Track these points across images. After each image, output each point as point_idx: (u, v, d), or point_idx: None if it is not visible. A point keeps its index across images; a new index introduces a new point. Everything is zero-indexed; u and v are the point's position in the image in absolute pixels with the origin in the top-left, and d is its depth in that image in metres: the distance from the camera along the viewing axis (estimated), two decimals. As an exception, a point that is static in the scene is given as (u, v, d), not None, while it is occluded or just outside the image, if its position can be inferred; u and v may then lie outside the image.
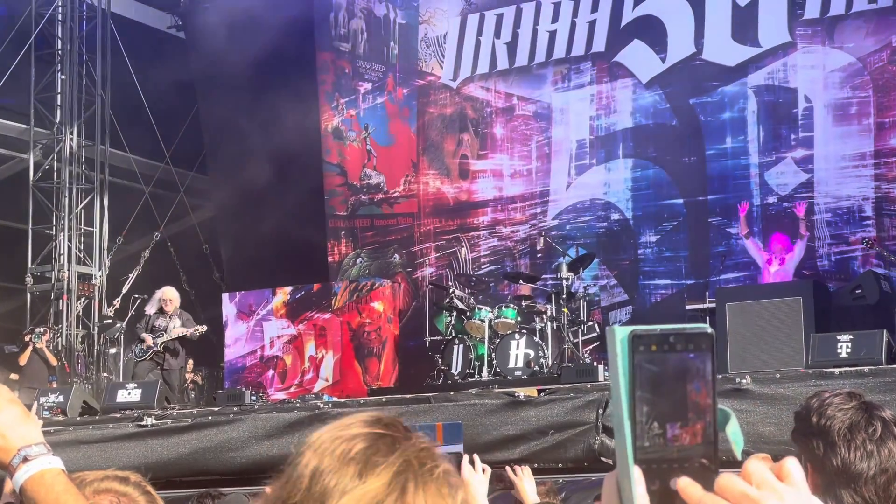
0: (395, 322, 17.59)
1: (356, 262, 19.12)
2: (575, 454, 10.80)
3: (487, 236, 18.04)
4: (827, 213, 15.65)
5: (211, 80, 19.23)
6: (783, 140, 16.08)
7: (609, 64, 17.37)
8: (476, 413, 11.00)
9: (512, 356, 13.94)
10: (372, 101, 19.34)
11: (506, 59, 18.18)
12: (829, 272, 15.31)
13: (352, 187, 19.29)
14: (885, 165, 15.44)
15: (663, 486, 1.21)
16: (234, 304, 18.24)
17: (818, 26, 16.00)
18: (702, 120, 16.62)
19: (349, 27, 19.56)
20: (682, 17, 16.78)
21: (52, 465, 2.08)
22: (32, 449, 2.08)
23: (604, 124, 17.39)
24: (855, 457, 2.93)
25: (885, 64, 15.59)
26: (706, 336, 1.23)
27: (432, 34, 19.00)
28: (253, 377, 17.65)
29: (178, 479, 10.88)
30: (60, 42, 19.93)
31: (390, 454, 1.62)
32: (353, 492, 1.58)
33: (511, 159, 18.05)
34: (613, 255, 17.05)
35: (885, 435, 2.96)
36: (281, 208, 18.28)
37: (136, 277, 19.35)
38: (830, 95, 15.85)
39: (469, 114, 18.48)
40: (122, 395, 13.21)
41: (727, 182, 16.32)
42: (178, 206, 20.01)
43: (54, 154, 19.59)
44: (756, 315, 12.70)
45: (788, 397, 9.95)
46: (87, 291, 19.40)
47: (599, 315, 16.82)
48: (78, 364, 18.66)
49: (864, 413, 2.98)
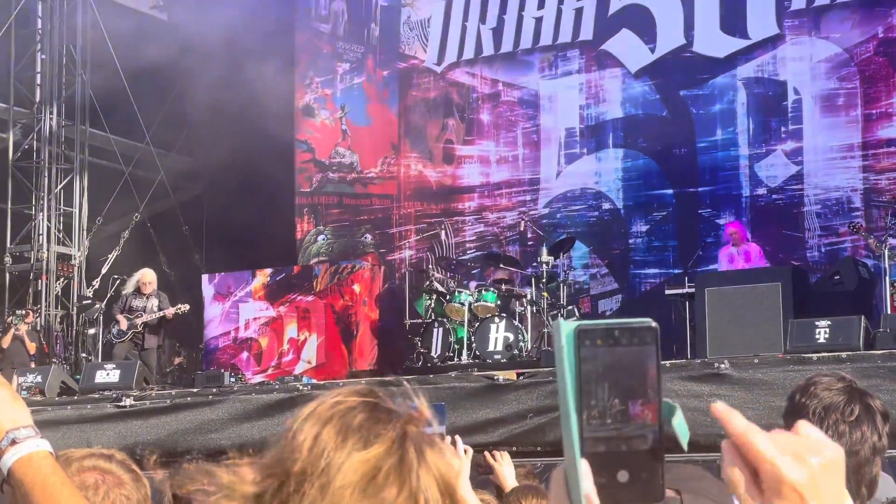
0: (370, 304, 17.60)
1: (316, 240, 19.07)
2: (554, 437, 10.84)
3: (473, 222, 18.05)
4: (816, 204, 15.74)
5: (193, 60, 19.16)
6: (773, 132, 16.17)
7: (597, 52, 17.38)
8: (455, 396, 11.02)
9: (491, 339, 13.96)
10: (349, 81, 19.30)
11: (491, 44, 18.16)
12: (818, 263, 15.40)
13: (319, 164, 19.26)
14: (873, 157, 15.52)
15: (610, 479, 1.23)
16: (213, 286, 18.22)
17: (805, 17, 16.06)
18: (692, 112, 16.67)
19: (330, 9, 19.52)
20: (670, 8, 16.80)
21: (40, 447, 2.09)
22: (21, 432, 2.08)
23: (593, 113, 17.41)
24: None
25: (872, 55, 15.65)
26: (650, 330, 1.24)
27: (416, 17, 18.97)
28: (226, 358, 17.64)
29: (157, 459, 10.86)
30: (41, 21, 19.82)
31: (388, 422, 1.63)
32: (353, 459, 1.59)
33: (497, 146, 18.05)
34: (604, 244, 17.11)
35: (862, 419, 2.97)
36: (259, 188, 18.29)
37: (116, 258, 19.31)
38: (818, 87, 15.92)
39: (454, 99, 18.46)
40: (101, 376, 13.19)
41: (717, 174, 16.40)
42: (158, 187, 19.94)
43: (34, 134, 19.50)
44: (735, 300, 12.74)
45: (766, 382, 9.99)
46: (66, 272, 19.34)
47: (589, 303, 16.92)
48: (57, 344, 18.62)
49: (846, 396, 3.00)
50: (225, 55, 18.41)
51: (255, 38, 18.40)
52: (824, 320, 10.96)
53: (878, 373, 9.79)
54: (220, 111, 18.35)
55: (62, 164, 19.58)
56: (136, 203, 19.70)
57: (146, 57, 18.63)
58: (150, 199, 19.90)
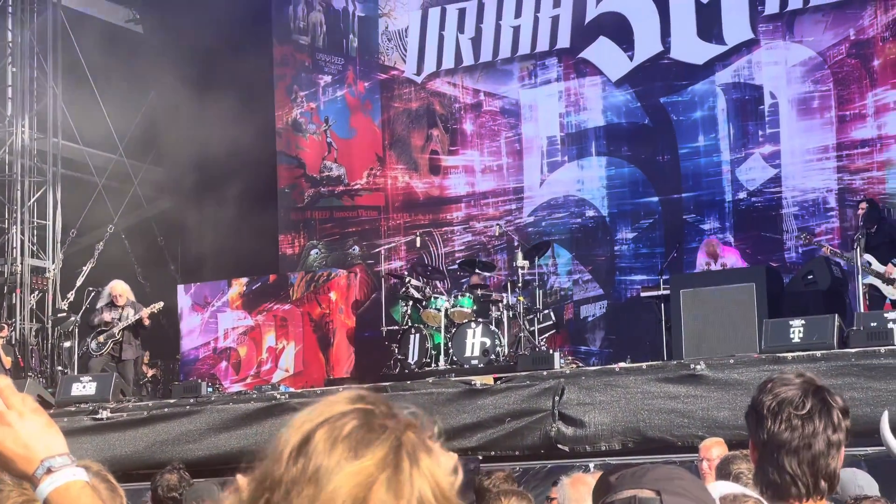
0: (346, 312, 17.60)
1: (310, 254, 19.10)
2: (532, 441, 10.88)
3: (461, 231, 18.08)
4: (794, 206, 15.87)
5: (166, 72, 19.12)
6: (751, 136, 16.30)
7: (575, 60, 17.42)
8: (433, 402, 11.04)
9: (468, 345, 13.98)
10: (332, 93, 19.29)
11: (471, 54, 18.18)
12: (796, 264, 15.50)
13: (310, 179, 19.26)
14: (847, 157, 15.66)
15: None
16: (190, 296, 18.18)
17: (778, 21, 16.17)
18: (673, 119, 16.76)
19: (308, 20, 19.49)
20: (646, 15, 16.86)
21: (77, 477, 2.02)
22: (56, 460, 2.01)
23: (574, 121, 17.46)
24: (778, 429, 3.01)
25: (844, 57, 15.78)
26: None
27: (393, 27, 18.96)
28: (206, 369, 17.61)
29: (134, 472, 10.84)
30: (10, 35, 19.74)
31: (382, 431, 1.62)
32: (347, 469, 1.58)
33: (482, 155, 18.08)
34: (588, 251, 17.17)
35: (815, 414, 3.02)
36: (234, 197, 18.27)
37: (91, 270, 19.21)
38: (793, 90, 16.05)
39: (437, 109, 18.46)
40: (77, 389, 13.15)
41: (701, 180, 16.50)
42: (133, 198, 19.88)
43: (6, 147, 19.40)
44: (710, 301, 12.79)
45: (742, 382, 10.06)
46: (40, 285, 19.24)
47: (572, 309, 16.98)
48: (32, 358, 18.53)
49: (800, 390, 3.05)
50: (201, 66, 18.39)
51: (231, 48, 18.37)
52: (798, 320, 11.04)
53: (852, 371, 9.88)
54: (195, 121, 18.31)
55: (35, 177, 19.49)
56: (111, 215, 19.63)
57: (119, 68, 18.54)
58: (124, 211, 19.83)
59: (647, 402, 10.50)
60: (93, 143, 19.69)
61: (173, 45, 18.73)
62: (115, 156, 19.75)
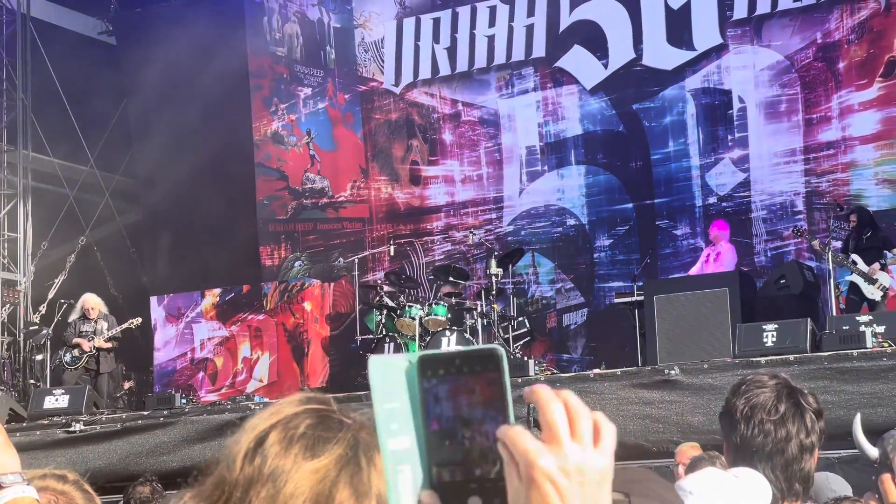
0: (321, 322, 17.57)
1: (294, 266, 18.95)
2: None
3: (442, 241, 18.05)
4: (763, 210, 15.93)
5: (140, 83, 19.05)
6: (720, 141, 16.36)
7: (551, 69, 17.44)
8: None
9: (443, 353, 13.95)
10: (313, 106, 19.20)
11: (447, 64, 18.15)
12: (766, 268, 15.56)
13: (293, 191, 19.12)
14: (815, 160, 15.74)
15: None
16: (163, 308, 18.11)
17: (746, 26, 16.25)
18: (645, 125, 16.81)
19: (283, 31, 19.38)
20: (619, 22, 16.91)
21: (26, 493, 2.18)
22: (7, 477, 2.18)
23: (552, 130, 17.48)
24: (750, 434, 3.00)
25: (811, 61, 15.87)
26: (493, 357, 1.21)
27: (369, 38, 18.89)
28: (183, 380, 17.55)
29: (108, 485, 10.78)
30: (-21, 46, 19.63)
31: (339, 430, 1.63)
32: (305, 468, 1.58)
33: (462, 165, 18.06)
34: (570, 259, 17.18)
35: (788, 417, 3.01)
36: (209, 212, 18.15)
37: (62, 283, 19.11)
38: (761, 94, 16.12)
39: (416, 119, 18.42)
40: (50, 402, 13.06)
41: (672, 185, 16.55)
42: (104, 210, 19.79)
43: (-24, 159, 19.29)
44: (683, 307, 12.83)
45: (716, 387, 10.08)
46: (11, 298, 19.13)
47: (555, 317, 16.98)
48: (4, 371, 18.41)
49: (774, 394, 3.04)
50: (173, 77, 18.32)
51: (205, 59, 18.28)
52: (771, 324, 11.08)
53: (825, 374, 9.92)
54: (165, 132, 18.25)
55: (5, 190, 19.38)
56: (82, 227, 19.53)
57: (90, 80, 18.44)
58: (95, 223, 19.74)
59: (622, 408, 10.51)
60: (63, 155, 19.60)
61: (146, 56, 18.64)
62: (86, 167, 19.67)
